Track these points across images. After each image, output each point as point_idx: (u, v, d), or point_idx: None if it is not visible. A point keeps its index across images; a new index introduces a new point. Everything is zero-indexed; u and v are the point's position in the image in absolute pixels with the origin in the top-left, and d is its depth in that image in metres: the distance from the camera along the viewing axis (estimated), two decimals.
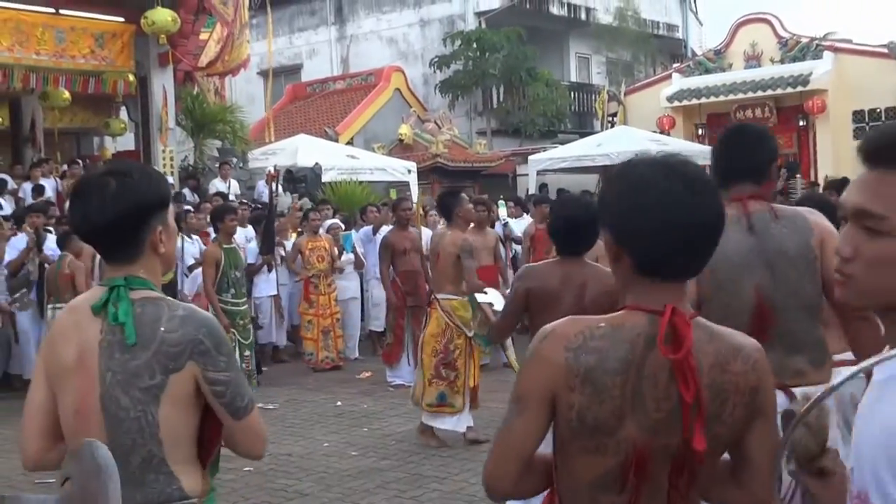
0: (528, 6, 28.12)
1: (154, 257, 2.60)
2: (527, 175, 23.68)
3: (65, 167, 17.55)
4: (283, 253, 12.93)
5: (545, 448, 2.18)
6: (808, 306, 3.62)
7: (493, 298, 6.84)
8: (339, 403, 10.19)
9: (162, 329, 2.46)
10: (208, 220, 13.28)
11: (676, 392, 2.01)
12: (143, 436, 2.44)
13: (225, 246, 9.76)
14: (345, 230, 13.50)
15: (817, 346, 3.65)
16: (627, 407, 2.03)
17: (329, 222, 13.84)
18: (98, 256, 11.33)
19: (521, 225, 14.86)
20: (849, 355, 4.37)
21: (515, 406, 2.12)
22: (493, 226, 13.66)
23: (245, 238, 12.47)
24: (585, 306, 4.81)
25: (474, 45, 26.95)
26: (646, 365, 2.03)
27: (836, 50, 23.29)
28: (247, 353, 9.78)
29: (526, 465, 2.14)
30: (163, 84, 18.28)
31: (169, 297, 2.59)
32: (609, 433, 2.05)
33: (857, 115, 22.86)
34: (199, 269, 11.58)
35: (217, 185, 17.45)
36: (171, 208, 2.70)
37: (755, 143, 3.76)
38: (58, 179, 16.57)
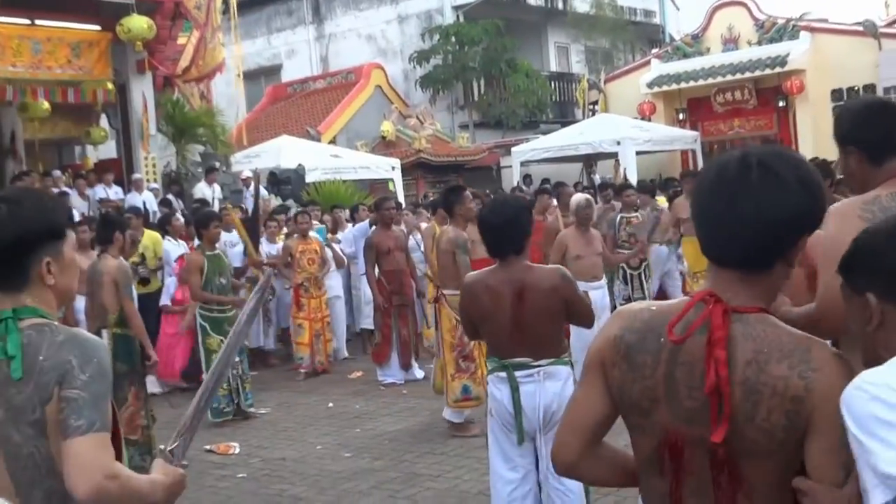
0: None
1: (44, 288, 2.48)
2: (511, 167, 23.75)
3: (49, 177, 17.45)
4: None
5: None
6: None
7: None
8: (330, 405, 10.21)
9: (41, 358, 2.35)
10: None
11: None
12: (39, 472, 2.35)
13: (208, 252, 9.71)
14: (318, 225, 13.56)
15: None
16: (661, 391, 2.07)
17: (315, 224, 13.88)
18: None
19: None
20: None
21: (581, 378, 2.25)
22: None
23: (230, 242, 12.45)
24: (526, 309, 4.86)
25: (453, 39, 26.99)
26: (682, 352, 2.05)
27: (812, 30, 23.37)
28: (237, 358, 9.72)
29: (589, 440, 2.23)
30: (142, 91, 18.23)
31: (56, 323, 2.46)
32: (643, 414, 2.11)
33: (836, 94, 22.93)
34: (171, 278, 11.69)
35: (203, 189, 17.44)
36: (71, 239, 2.55)
37: None
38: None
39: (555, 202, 12.35)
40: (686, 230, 12.43)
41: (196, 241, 10.86)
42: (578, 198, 9.77)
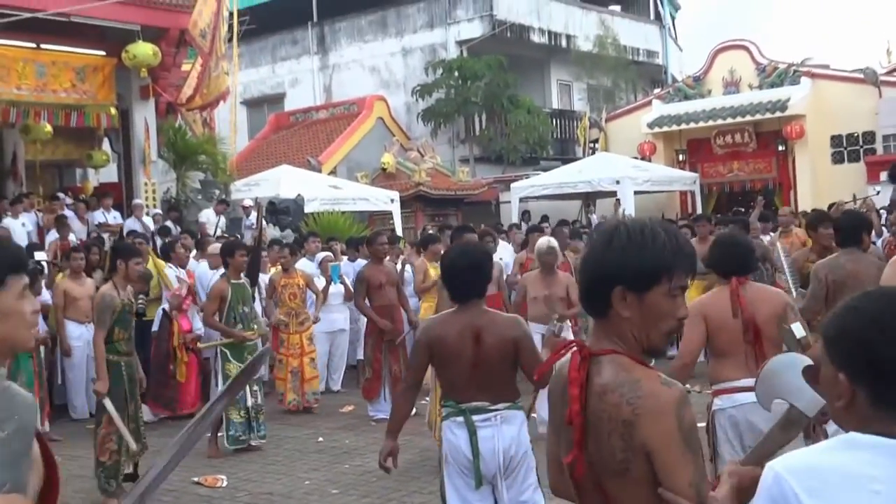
0: (508, 34, 28.30)
1: None
2: (509, 202, 23.81)
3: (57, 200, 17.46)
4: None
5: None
6: None
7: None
8: (320, 439, 10.19)
9: None
10: (192, 251, 13.41)
11: None
12: None
13: (233, 281, 9.77)
14: (333, 261, 13.49)
15: None
16: (561, 426, 2.50)
17: (321, 255, 13.85)
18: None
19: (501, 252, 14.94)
20: (746, 381, 4.50)
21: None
22: None
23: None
24: (482, 355, 4.89)
25: (456, 74, 27.12)
26: (566, 393, 2.43)
27: (813, 76, 23.52)
28: (255, 387, 9.78)
29: (559, 468, 2.56)
30: (144, 117, 18.34)
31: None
32: (566, 444, 2.47)
33: (835, 140, 23.10)
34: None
35: (208, 216, 17.52)
36: (14, 287, 2.39)
37: None
38: (38, 213, 16.55)
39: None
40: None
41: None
42: (541, 243, 10.02)
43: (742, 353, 4.90)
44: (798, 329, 3.61)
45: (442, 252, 9.20)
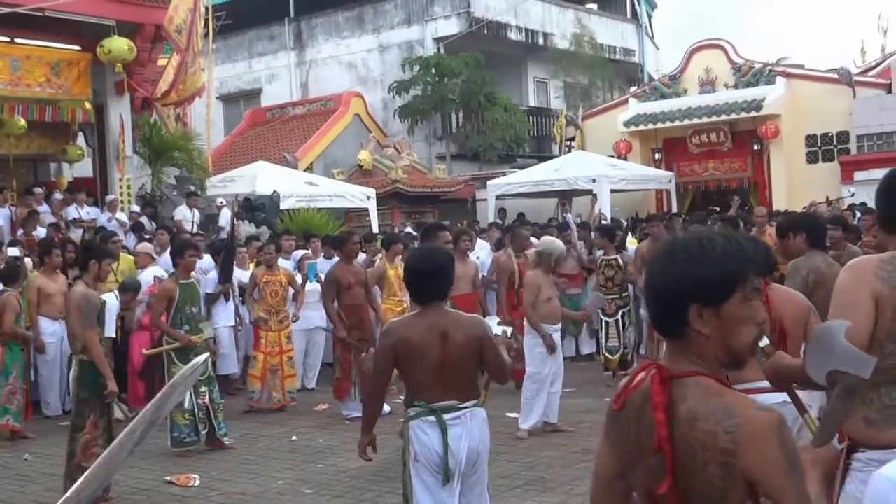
0: (486, 32, 28.32)
1: None
2: (486, 200, 23.83)
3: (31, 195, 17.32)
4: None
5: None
6: None
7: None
8: (294, 438, 10.18)
9: None
10: (160, 248, 13.31)
11: None
12: None
13: (182, 281, 9.65)
14: (311, 259, 13.46)
15: None
16: (634, 449, 2.35)
17: (299, 252, 13.82)
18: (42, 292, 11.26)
19: (478, 251, 14.96)
20: (764, 383, 4.59)
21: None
22: None
23: (203, 269, 12.38)
24: (449, 355, 4.97)
25: (433, 71, 27.11)
26: (644, 417, 2.30)
27: (788, 75, 23.67)
28: (202, 388, 9.62)
29: (611, 493, 2.50)
30: (119, 112, 18.26)
31: None
32: (631, 470, 2.39)
33: (810, 139, 23.26)
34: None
35: (183, 212, 17.44)
36: None
37: None
38: (12, 208, 16.44)
39: (534, 240, 12.35)
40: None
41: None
42: (561, 247, 9.99)
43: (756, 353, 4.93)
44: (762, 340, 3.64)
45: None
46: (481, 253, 14.50)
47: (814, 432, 3.90)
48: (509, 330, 6.06)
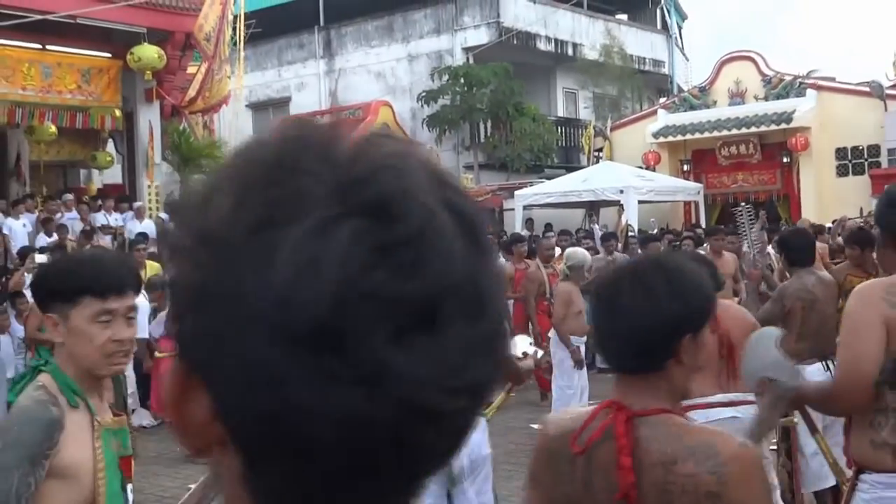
0: (515, 42, 28.28)
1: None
2: (513, 210, 23.79)
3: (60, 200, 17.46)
4: None
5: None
6: None
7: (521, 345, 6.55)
8: None
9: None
10: None
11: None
12: None
13: None
14: None
15: None
16: (580, 495, 2.14)
17: None
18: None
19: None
20: (720, 397, 4.59)
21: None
22: None
23: None
24: None
25: (462, 80, 27.09)
26: (596, 459, 2.11)
27: (818, 88, 23.50)
28: None
29: None
30: (149, 119, 18.40)
31: (39, 383, 2.52)
32: None
33: (840, 153, 23.09)
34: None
35: None
36: (86, 308, 2.51)
37: None
38: (40, 214, 16.57)
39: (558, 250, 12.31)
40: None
41: None
42: (588, 258, 9.97)
43: (716, 368, 4.92)
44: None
45: None
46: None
47: (825, 451, 3.89)
48: (540, 352, 5.98)
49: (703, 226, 20.66)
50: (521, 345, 5.61)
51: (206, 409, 0.71)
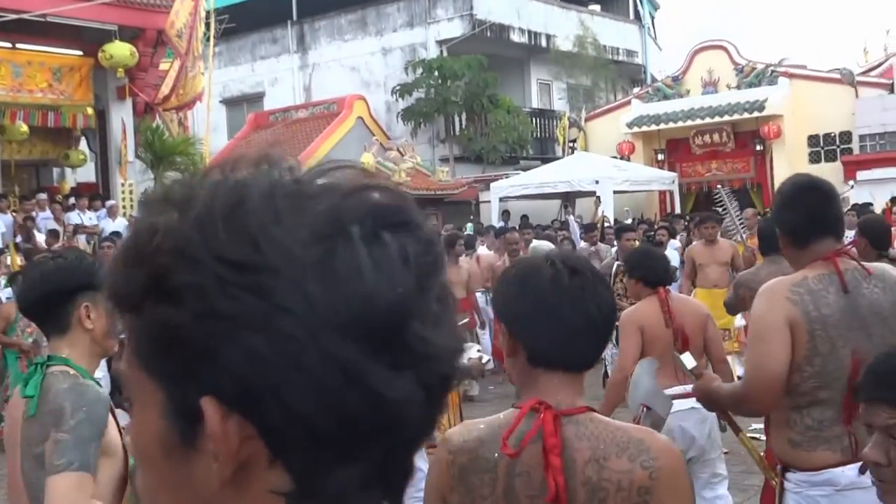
0: (488, 34, 28.31)
1: (83, 334, 2.82)
2: (489, 202, 23.82)
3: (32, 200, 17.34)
4: None
5: None
6: None
7: (467, 352, 6.60)
8: None
9: (48, 401, 2.66)
10: None
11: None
12: (39, 500, 2.60)
13: None
14: None
15: None
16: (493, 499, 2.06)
17: None
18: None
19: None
20: (678, 389, 4.68)
21: None
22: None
23: None
24: None
25: (436, 73, 27.11)
26: (517, 463, 2.04)
27: (790, 76, 23.64)
28: None
29: None
30: (121, 117, 18.30)
31: (72, 371, 2.74)
32: None
33: (812, 140, 23.26)
34: None
35: None
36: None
37: (832, 196, 3.53)
38: (13, 215, 16.45)
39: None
40: (701, 281, 10.77)
41: None
42: (550, 248, 9.78)
43: (671, 362, 4.94)
44: (688, 359, 3.65)
45: None
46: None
47: (750, 450, 3.95)
48: (485, 356, 6.04)
49: (679, 213, 20.81)
50: (468, 352, 5.69)
51: (238, 435, 0.73)
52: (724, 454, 5.83)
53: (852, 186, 19.88)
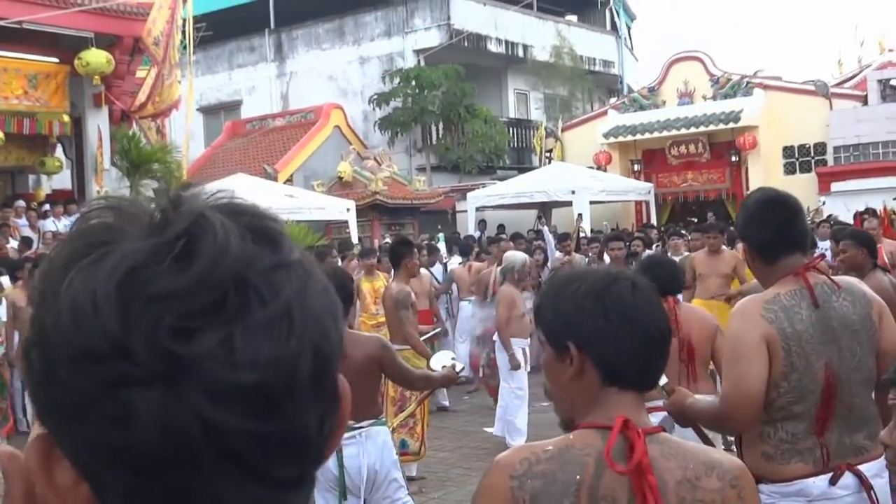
0: (466, 44, 28.37)
1: None
2: (466, 211, 23.86)
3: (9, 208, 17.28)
4: None
5: None
6: (869, 380, 3.38)
7: (442, 359, 6.62)
8: None
9: None
10: None
11: None
12: None
13: None
14: None
15: (874, 420, 3.36)
16: None
17: None
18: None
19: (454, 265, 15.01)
20: (656, 402, 4.71)
21: None
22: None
23: None
24: (345, 373, 4.98)
25: (413, 83, 27.14)
26: (600, 486, 1.92)
27: (765, 87, 23.84)
28: None
29: None
30: (97, 125, 18.19)
31: None
32: None
33: (787, 151, 23.44)
34: None
35: None
36: None
37: (798, 210, 3.53)
38: None
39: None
40: (700, 292, 10.62)
41: None
42: (517, 259, 9.76)
43: (676, 372, 4.95)
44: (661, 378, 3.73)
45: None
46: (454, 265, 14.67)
47: None
48: (459, 364, 6.09)
49: (653, 224, 20.91)
50: (443, 359, 5.74)
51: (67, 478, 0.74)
52: None
53: (824, 203, 20.10)
